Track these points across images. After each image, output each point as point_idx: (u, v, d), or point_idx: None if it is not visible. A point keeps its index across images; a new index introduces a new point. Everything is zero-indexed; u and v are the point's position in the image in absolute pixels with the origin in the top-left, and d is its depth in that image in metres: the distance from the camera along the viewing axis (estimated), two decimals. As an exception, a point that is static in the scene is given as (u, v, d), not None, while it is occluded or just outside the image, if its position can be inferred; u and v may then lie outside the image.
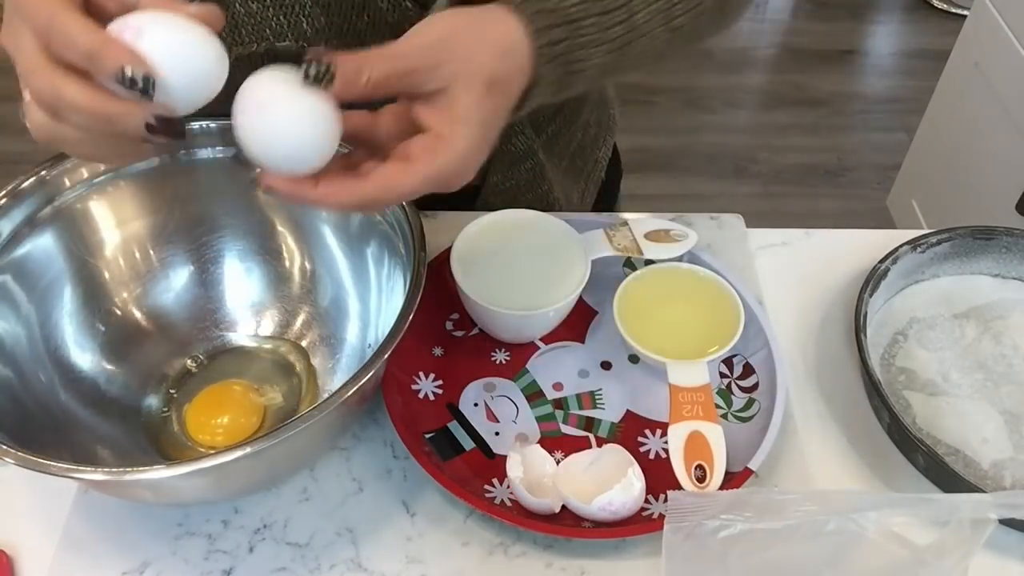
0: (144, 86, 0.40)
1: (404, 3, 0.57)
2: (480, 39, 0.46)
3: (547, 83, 0.49)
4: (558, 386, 0.61)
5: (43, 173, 0.57)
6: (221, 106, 0.58)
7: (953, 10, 2.54)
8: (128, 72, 0.40)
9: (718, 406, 0.59)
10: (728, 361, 0.62)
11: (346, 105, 0.43)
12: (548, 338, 0.64)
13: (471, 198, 0.74)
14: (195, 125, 0.60)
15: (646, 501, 0.53)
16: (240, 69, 0.62)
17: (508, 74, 0.46)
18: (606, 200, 0.88)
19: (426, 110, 0.45)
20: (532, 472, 0.55)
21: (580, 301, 0.64)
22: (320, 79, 0.42)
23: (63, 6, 0.40)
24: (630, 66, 0.55)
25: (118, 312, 0.61)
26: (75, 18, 0.40)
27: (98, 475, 0.44)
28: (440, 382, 0.61)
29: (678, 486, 0.52)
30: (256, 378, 0.62)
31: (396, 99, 0.47)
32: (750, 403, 0.59)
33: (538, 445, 0.56)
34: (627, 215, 0.68)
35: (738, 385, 0.61)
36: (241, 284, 0.65)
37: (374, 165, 0.45)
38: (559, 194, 0.77)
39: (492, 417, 0.59)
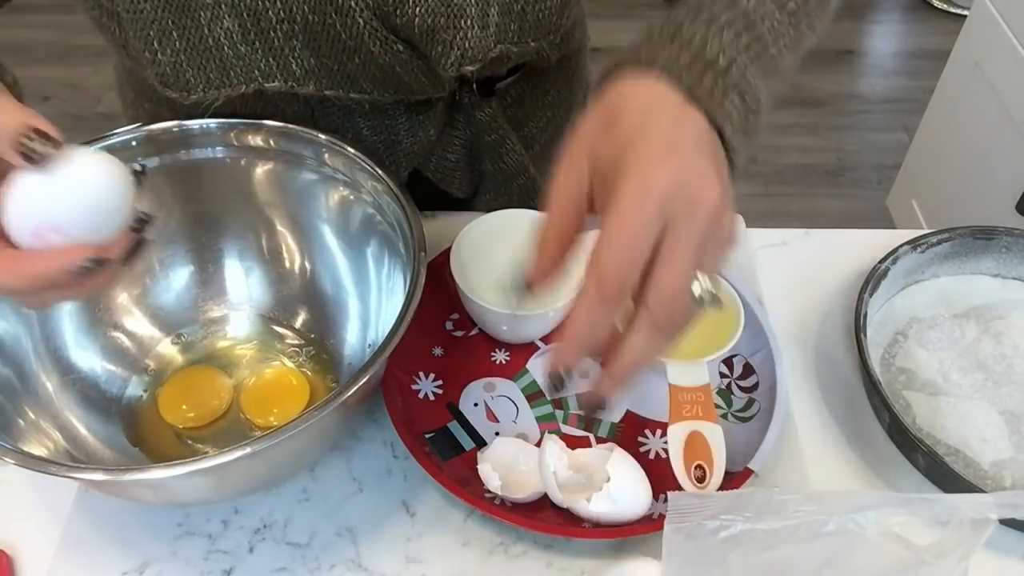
0: (40, 157, 0.39)
1: (396, 46, 0.55)
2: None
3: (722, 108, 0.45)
4: (558, 386, 0.61)
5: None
6: (222, 107, 0.58)
7: (953, 10, 2.54)
8: (30, 142, 0.38)
9: (718, 406, 0.59)
10: (728, 361, 0.62)
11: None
12: (548, 338, 0.64)
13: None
14: (195, 125, 0.60)
15: (646, 501, 0.53)
16: (229, 108, 0.61)
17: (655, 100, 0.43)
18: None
19: None
20: (511, 466, 0.55)
21: (580, 301, 0.64)
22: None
23: None
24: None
25: (118, 312, 0.61)
26: None
27: (98, 475, 0.44)
28: (440, 382, 0.61)
29: (678, 486, 0.52)
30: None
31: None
32: (750, 403, 0.59)
33: (507, 438, 0.57)
34: (627, 215, 0.68)
35: (738, 385, 0.61)
36: (241, 284, 0.65)
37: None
38: None
39: (492, 417, 0.59)
